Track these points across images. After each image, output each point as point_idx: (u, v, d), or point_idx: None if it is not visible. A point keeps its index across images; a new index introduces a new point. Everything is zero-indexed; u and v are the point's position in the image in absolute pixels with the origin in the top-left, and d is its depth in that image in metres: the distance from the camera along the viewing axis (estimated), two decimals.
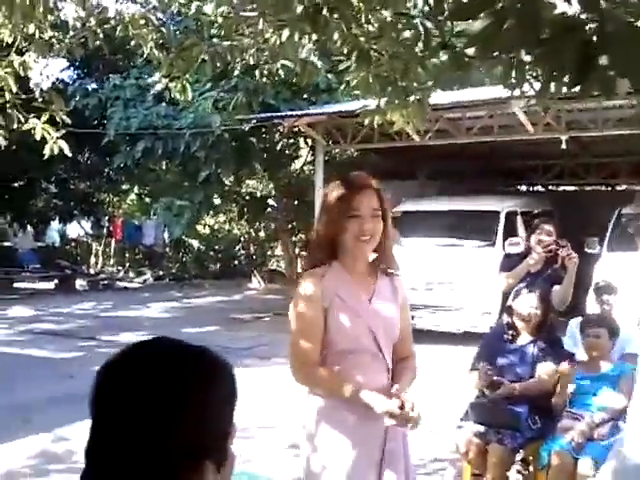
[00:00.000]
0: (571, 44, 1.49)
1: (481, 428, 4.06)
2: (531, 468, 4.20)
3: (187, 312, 13.68)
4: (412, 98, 3.92)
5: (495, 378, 4.10)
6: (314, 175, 11.75)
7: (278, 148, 13.12)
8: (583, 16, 1.46)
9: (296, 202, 14.71)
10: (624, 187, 15.00)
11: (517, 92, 3.34)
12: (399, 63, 3.67)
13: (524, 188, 16.31)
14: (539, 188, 15.99)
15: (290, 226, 15.00)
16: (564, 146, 10.40)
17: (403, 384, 2.38)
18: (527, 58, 1.77)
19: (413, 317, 9.92)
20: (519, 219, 10.66)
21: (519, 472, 4.42)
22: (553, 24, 1.52)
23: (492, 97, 8.99)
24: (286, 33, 3.26)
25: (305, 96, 11.54)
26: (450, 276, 10.05)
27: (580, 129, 10.08)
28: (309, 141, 12.88)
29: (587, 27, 1.48)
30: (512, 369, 4.23)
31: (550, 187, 15.74)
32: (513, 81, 3.27)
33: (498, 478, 3.95)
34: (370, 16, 3.49)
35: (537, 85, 3.49)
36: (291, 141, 13.40)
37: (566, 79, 1.55)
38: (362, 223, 2.29)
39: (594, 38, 1.48)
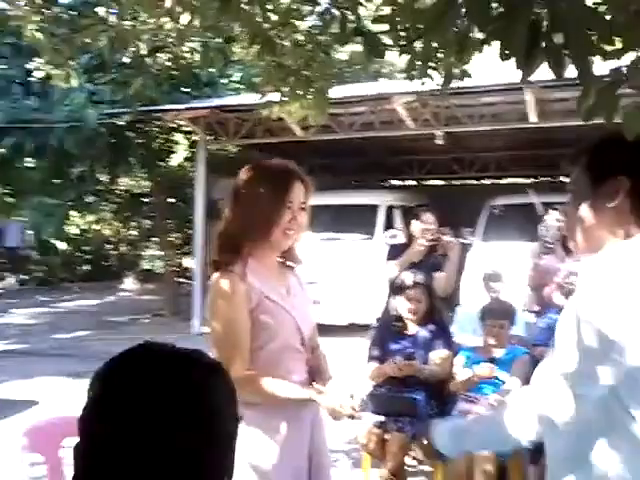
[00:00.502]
0: (523, 21, 1.48)
1: (380, 418, 4.08)
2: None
3: (57, 317, 12.94)
4: (313, 89, 3.87)
5: (405, 362, 4.13)
6: (195, 172, 11.44)
7: (157, 144, 12.67)
8: None
9: (174, 200, 14.32)
10: (494, 181, 15.86)
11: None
12: (303, 52, 3.61)
13: (402, 183, 16.81)
14: (415, 182, 16.51)
15: (167, 224, 14.56)
16: (440, 141, 10.80)
17: (329, 375, 2.36)
18: (479, 35, 1.72)
19: None
20: (397, 212, 10.98)
21: (414, 458, 4.51)
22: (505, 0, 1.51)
23: (375, 93, 9.13)
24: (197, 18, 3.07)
25: (186, 90, 11.20)
26: (333, 269, 10.16)
27: (457, 124, 10.47)
28: (190, 136, 12.54)
29: (539, 4, 1.48)
30: (407, 357, 4.28)
31: (426, 181, 16.30)
32: (416, 71, 3.29)
33: (397, 465, 3.98)
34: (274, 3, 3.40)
35: (436, 75, 3.55)
36: (170, 136, 12.99)
37: (518, 56, 1.54)
38: (293, 216, 2.18)
39: (545, 16, 1.48)
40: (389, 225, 10.42)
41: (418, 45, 2.84)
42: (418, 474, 4.59)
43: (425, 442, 3.96)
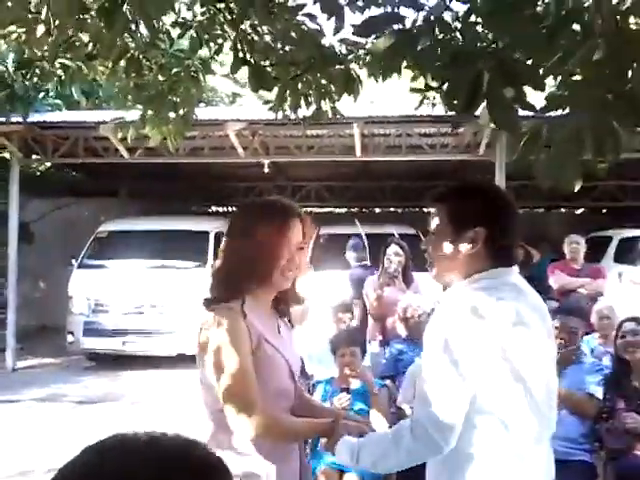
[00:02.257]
0: (467, 73, 1.51)
1: None
2: None
3: None
4: (174, 114, 3.71)
5: None
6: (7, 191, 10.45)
7: None
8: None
9: None
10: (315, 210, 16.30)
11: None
12: (169, 75, 3.44)
13: (227, 209, 16.72)
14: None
15: None
16: (267, 169, 10.92)
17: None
18: (430, 80, 1.73)
19: (124, 343, 9.56)
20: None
21: None
22: (454, 53, 1.53)
23: (208, 119, 9.00)
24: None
25: None
26: (161, 299, 9.77)
27: (284, 154, 10.64)
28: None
29: (484, 61, 1.53)
30: None
31: None
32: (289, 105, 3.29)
33: None
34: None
35: (305, 110, 3.57)
36: None
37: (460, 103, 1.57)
38: (292, 257, 2.07)
39: (486, 72, 1.53)
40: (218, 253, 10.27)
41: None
42: None
43: None
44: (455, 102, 1.55)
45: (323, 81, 3.05)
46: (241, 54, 2.88)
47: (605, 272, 7.27)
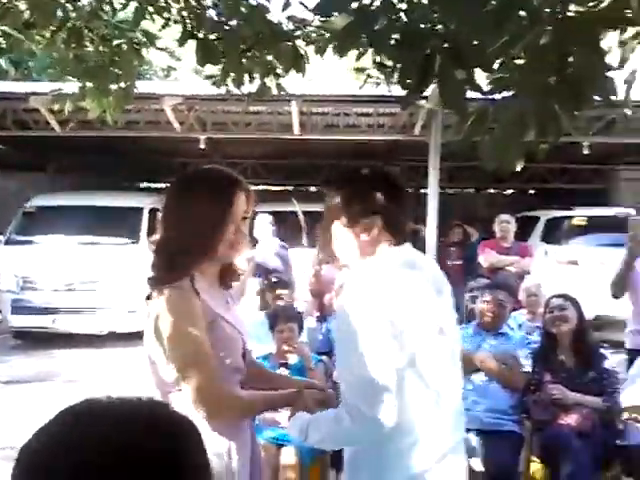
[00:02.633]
0: (418, 52, 1.56)
1: None
2: None
3: None
4: (116, 86, 3.63)
5: None
6: None
7: None
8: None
9: None
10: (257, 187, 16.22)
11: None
12: (110, 47, 3.36)
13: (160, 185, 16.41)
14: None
15: None
16: (202, 145, 10.80)
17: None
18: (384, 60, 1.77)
19: (54, 321, 9.34)
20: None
21: None
22: (406, 32, 1.56)
23: (144, 92, 8.80)
24: None
25: None
26: (93, 275, 9.57)
27: (222, 131, 10.55)
28: None
29: (434, 43, 1.57)
30: None
31: None
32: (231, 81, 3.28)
33: None
34: None
35: (250, 87, 3.57)
36: None
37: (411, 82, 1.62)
38: (238, 228, 1.99)
39: (438, 52, 1.58)
40: (153, 229, 10.12)
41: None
42: None
43: None
44: (407, 81, 1.60)
45: (269, 57, 3.05)
46: (189, 27, 2.85)
47: (533, 251, 7.54)
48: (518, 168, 1.81)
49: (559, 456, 3.68)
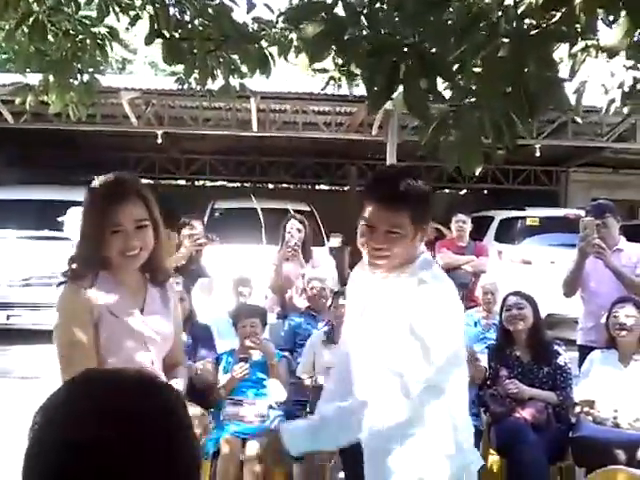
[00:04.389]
0: (386, 61, 1.63)
1: None
2: None
3: None
4: (78, 81, 3.63)
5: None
6: None
7: None
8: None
9: None
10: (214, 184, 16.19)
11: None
12: (73, 41, 3.36)
13: None
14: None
15: None
16: (160, 140, 10.72)
17: None
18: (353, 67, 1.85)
19: (9, 317, 9.14)
20: None
21: None
22: (374, 41, 1.64)
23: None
24: None
25: None
26: (48, 270, 9.40)
27: (180, 126, 10.50)
28: None
29: (400, 53, 1.65)
30: None
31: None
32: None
33: None
34: None
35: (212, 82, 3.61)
36: None
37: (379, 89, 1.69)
38: (127, 239, 2.04)
39: (405, 61, 1.66)
40: None
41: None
42: None
43: None
44: (374, 88, 1.68)
45: (235, 57, 3.10)
46: (156, 26, 2.88)
47: (488, 250, 7.70)
48: (477, 171, 1.91)
49: (515, 448, 3.81)
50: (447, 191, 16.90)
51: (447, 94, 1.88)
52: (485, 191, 16.18)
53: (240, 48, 2.84)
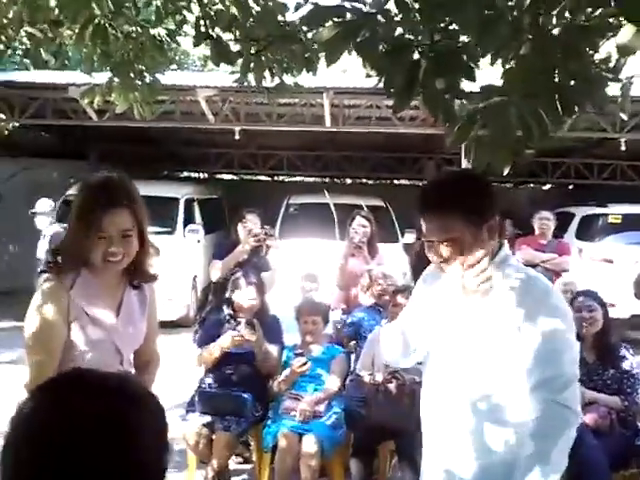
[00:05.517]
0: (404, 61, 1.61)
1: (208, 418, 4.09)
2: (253, 450, 4.39)
3: None
4: (140, 82, 3.75)
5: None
6: None
7: None
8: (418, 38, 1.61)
9: None
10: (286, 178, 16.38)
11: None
12: (134, 43, 3.48)
13: (199, 175, 16.63)
14: (208, 176, 16.41)
15: None
16: (237, 137, 10.90)
17: None
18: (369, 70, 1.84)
19: None
20: (196, 206, 10.86)
21: (238, 455, 4.61)
22: (391, 41, 1.62)
23: (178, 84, 8.97)
24: None
25: None
26: None
27: (254, 122, 10.66)
28: None
29: (418, 50, 1.63)
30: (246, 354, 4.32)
31: (220, 175, 16.26)
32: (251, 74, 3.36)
33: (222, 464, 4.04)
34: None
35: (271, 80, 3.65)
36: None
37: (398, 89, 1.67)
38: (110, 245, 2.11)
39: (422, 61, 1.63)
40: (188, 218, 10.30)
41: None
42: (242, 473, 4.64)
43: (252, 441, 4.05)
44: (392, 90, 1.66)
45: (285, 56, 3.13)
46: (203, 28, 2.95)
47: (570, 249, 7.44)
48: (506, 171, 1.86)
49: (576, 452, 3.68)
50: (531, 186, 16.43)
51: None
52: (570, 186, 15.61)
53: (285, 48, 2.87)
